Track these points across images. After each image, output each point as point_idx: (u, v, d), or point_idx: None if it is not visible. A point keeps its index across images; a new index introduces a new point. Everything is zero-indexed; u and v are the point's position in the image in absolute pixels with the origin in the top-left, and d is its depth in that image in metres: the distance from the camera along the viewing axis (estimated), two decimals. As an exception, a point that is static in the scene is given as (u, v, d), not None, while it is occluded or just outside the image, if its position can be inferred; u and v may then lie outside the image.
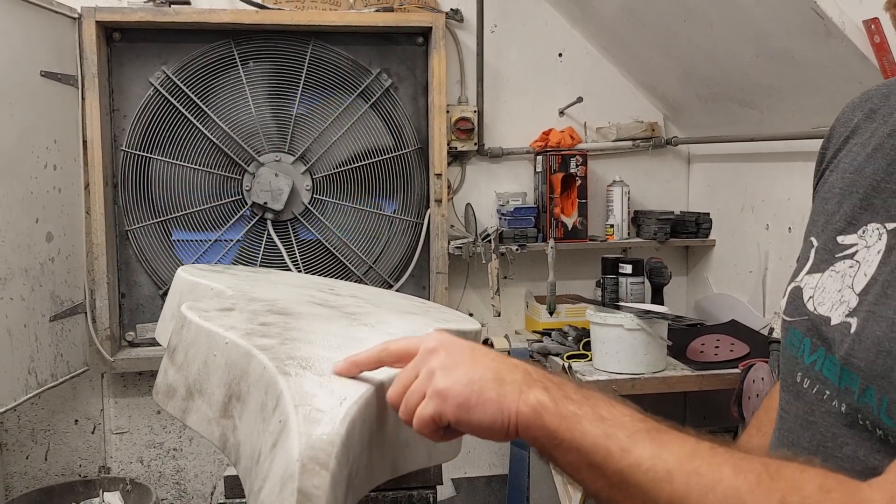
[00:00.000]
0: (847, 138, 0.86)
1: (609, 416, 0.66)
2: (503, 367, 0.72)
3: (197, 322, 0.95)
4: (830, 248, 0.81)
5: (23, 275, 2.22)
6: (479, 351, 0.75)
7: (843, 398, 0.73)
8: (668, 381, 2.35)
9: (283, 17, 2.65)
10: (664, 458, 0.62)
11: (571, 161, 2.81)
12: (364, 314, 1.16)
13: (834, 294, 0.77)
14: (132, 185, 2.71)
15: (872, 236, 0.76)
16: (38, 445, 2.79)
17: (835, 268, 0.79)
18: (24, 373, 2.22)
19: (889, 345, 0.67)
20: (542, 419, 0.67)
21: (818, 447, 0.76)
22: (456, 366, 0.72)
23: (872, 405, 0.68)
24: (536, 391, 0.69)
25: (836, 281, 0.78)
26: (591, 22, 2.85)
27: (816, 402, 0.77)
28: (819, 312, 0.78)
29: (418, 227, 2.85)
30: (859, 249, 0.77)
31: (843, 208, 0.81)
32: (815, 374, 0.78)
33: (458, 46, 2.86)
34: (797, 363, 0.81)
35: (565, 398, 0.68)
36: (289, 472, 0.66)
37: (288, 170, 2.76)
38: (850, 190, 0.81)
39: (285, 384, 0.78)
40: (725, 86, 2.49)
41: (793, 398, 0.82)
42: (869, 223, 0.77)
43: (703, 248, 2.99)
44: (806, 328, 0.80)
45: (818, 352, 0.78)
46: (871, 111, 0.84)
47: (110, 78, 2.68)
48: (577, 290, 3.01)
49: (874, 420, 0.68)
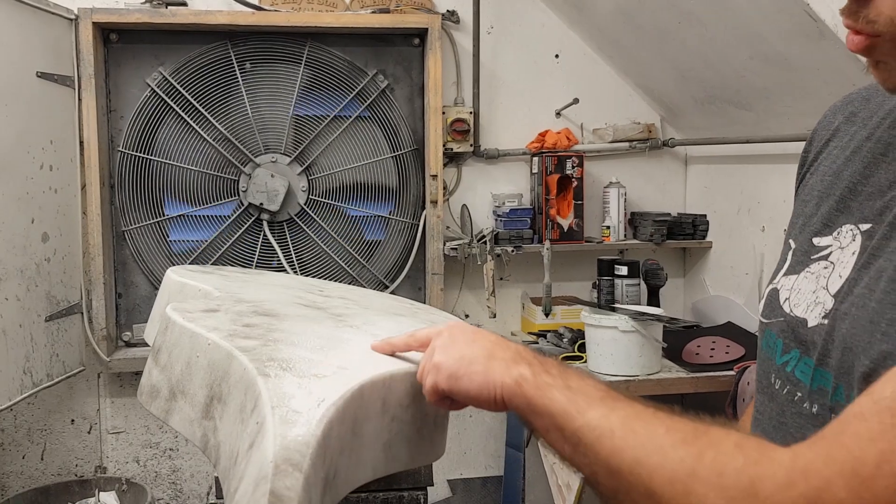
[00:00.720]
0: (828, 141, 0.87)
1: (576, 386, 0.73)
2: (497, 346, 0.81)
3: (181, 323, 0.95)
4: (806, 249, 0.81)
5: (18, 275, 2.23)
6: (479, 334, 0.85)
7: (816, 399, 0.74)
8: (662, 384, 2.35)
9: (280, 18, 2.65)
10: (610, 418, 0.68)
11: (567, 162, 2.82)
12: (351, 315, 1.16)
13: (809, 295, 0.78)
14: (129, 186, 2.72)
15: (846, 237, 0.76)
16: (35, 445, 2.79)
17: (810, 269, 0.79)
18: (20, 372, 2.23)
19: (851, 341, 0.69)
20: (521, 389, 0.75)
21: None
22: (453, 344, 0.83)
23: (843, 402, 0.70)
24: (521, 367, 0.77)
25: (811, 282, 0.78)
26: (588, 23, 2.85)
27: (787, 404, 0.78)
28: (795, 314, 0.79)
29: (414, 229, 2.85)
30: (833, 250, 0.77)
31: (821, 210, 0.82)
32: (787, 375, 0.79)
33: (454, 48, 2.86)
34: (770, 364, 0.83)
35: (544, 372, 0.75)
36: (262, 473, 0.67)
37: (284, 171, 2.76)
38: (827, 192, 0.82)
39: (264, 385, 0.79)
40: (721, 88, 2.49)
41: (767, 399, 0.83)
42: (844, 224, 0.77)
43: (700, 249, 2.99)
44: (780, 329, 0.81)
45: (791, 353, 0.79)
46: (852, 114, 0.85)
47: (107, 79, 2.69)
48: (574, 291, 3.02)
49: None
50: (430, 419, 0.97)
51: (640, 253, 2.94)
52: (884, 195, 0.74)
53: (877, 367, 0.65)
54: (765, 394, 0.84)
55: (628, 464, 0.65)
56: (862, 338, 0.68)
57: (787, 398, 0.79)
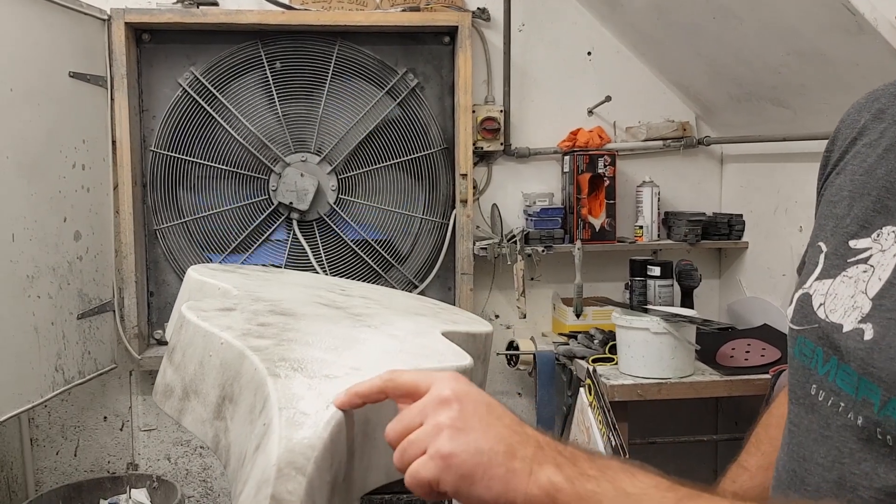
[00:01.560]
0: (854, 140, 0.82)
1: (633, 490, 0.60)
2: (515, 437, 0.65)
3: (194, 322, 0.94)
4: (842, 252, 0.77)
5: (50, 273, 2.25)
6: (494, 412, 0.67)
7: (860, 410, 0.69)
8: (695, 387, 2.30)
9: (310, 17, 2.65)
10: None
11: (599, 161, 2.77)
12: (370, 315, 1.14)
13: (847, 300, 0.73)
14: (160, 185, 2.74)
15: (888, 239, 0.72)
16: (68, 441, 2.83)
17: (847, 273, 0.75)
18: (52, 370, 2.25)
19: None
20: (556, 502, 0.61)
21: (834, 463, 0.72)
22: (467, 429, 0.65)
23: (892, 417, 0.65)
24: (548, 470, 0.62)
25: (850, 287, 0.74)
26: (621, 20, 2.81)
27: (832, 415, 0.73)
28: (831, 320, 0.74)
29: (444, 228, 2.83)
30: (874, 253, 0.73)
31: (854, 211, 0.77)
32: (829, 385, 0.74)
33: (484, 46, 2.84)
34: (810, 374, 0.77)
35: (581, 475, 0.61)
36: (265, 477, 0.65)
37: (314, 170, 2.76)
38: (860, 192, 0.77)
39: (273, 386, 0.77)
40: (756, 85, 2.43)
41: (805, 411, 0.77)
42: (884, 226, 0.73)
43: (735, 250, 2.93)
44: (817, 336, 0.76)
45: (831, 361, 0.74)
46: (880, 111, 0.80)
47: (140, 79, 2.71)
48: (606, 292, 2.97)
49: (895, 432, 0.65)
50: (446, 422, 0.94)
51: (674, 253, 2.88)
52: None
53: None
54: (802, 405, 0.78)
55: None
56: None
57: (831, 409, 0.73)
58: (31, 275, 2.16)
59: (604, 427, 2.24)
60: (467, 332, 1.19)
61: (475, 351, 1.25)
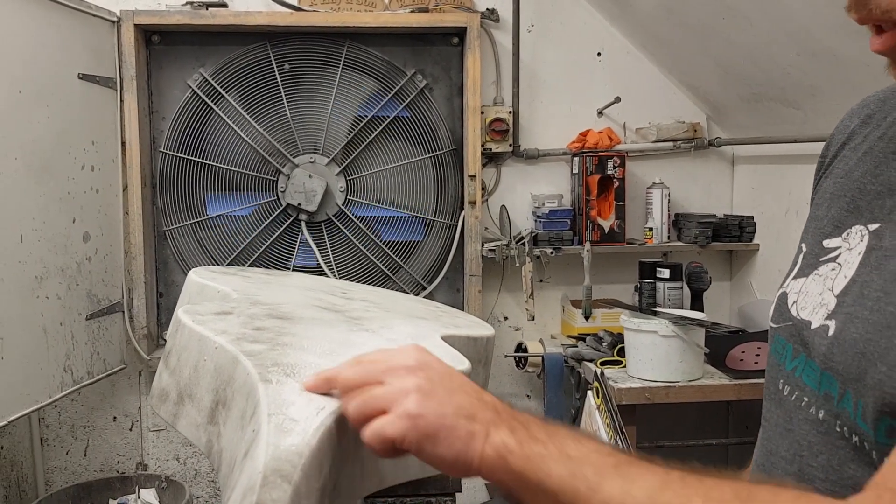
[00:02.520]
0: (843, 144, 0.84)
1: (576, 453, 0.63)
2: (476, 403, 0.69)
3: (190, 326, 0.94)
4: (817, 252, 0.79)
5: (59, 274, 2.26)
6: (455, 381, 0.71)
7: (822, 405, 0.71)
8: (704, 390, 2.28)
9: (318, 18, 2.65)
10: (633, 493, 0.59)
11: (609, 163, 2.76)
12: (369, 319, 1.14)
13: (816, 297, 0.75)
14: (170, 187, 2.75)
15: (855, 238, 0.74)
16: (78, 441, 2.84)
17: (818, 271, 0.77)
18: (60, 370, 2.26)
19: (864, 346, 0.65)
20: (506, 462, 0.64)
21: (795, 456, 0.74)
22: (432, 393, 0.68)
23: (850, 410, 0.67)
24: (502, 433, 0.66)
25: (819, 284, 0.76)
26: (631, 20, 2.79)
27: (795, 410, 0.75)
28: (801, 317, 0.77)
29: (452, 230, 2.82)
30: (842, 252, 0.75)
31: (831, 212, 0.79)
32: (796, 380, 0.76)
33: (493, 47, 2.83)
34: (780, 370, 0.80)
35: (531, 438, 0.65)
36: (251, 484, 0.64)
37: (322, 171, 2.76)
38: (839, 194, 0.79)
39: (264, 392, 0.76)
40: (767, 85, 2.41)
41: (774, 406, 0.80)
42: (853, 225, 0.75)
43: (746, 252, 2.91)
44: (789, 334, 0.79)
45: (799, 357, 0.76)
46: (868, 116, 0.83)
47: (149, 80, 2.72)
48: (616, 294, 2.95)
49: (851, 426, 0.67)
50: (443, 427, 0.94)
51: (684, 255, 2.86)
52: (893, 194, 0.72)
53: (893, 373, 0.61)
54: (772, 400, 0.81)
55: None
56: (878, 343, 0.64)
57: (794, 404, 0.75)
58: (40, 275, 2.17)
59: (611, 430, 2.22)
60: (468, 335, 1.19)
61: (475, 355, 1.24)
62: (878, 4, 0.63)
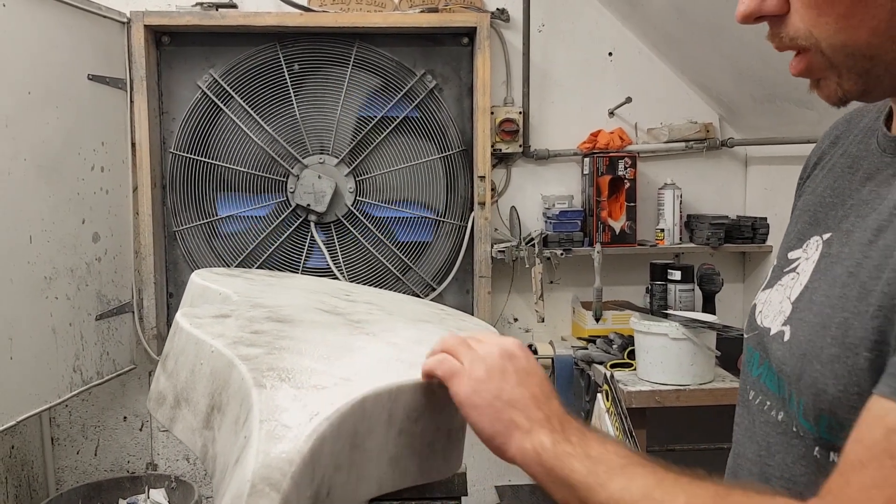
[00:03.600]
0: (815, 164, 0.90)
1: (596, 454, 0.71)
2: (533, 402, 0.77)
3: (187, 329, 0.93)
4: (782, 264, 0.84)
5: (68, 274, 2.27)
6: (531, 379, 0.80)
7: (781, 407, 0.76)
8: (715, 394, 2.26)
9: (328, 19, 2.64)
10: (631, 489, 0.67)
11: (620, 163, 2.74)
12: (371, 322, 1.12)
13: (776, 306, 0.80)
14: (180, 187, 2.75)
15: (812, 248, 0.78)
16: (89, 441, 2.85)
17: (781, 282, 0.81)
18: (69, 370, 2.27)
19: (806, 347, 0.70)
20: (540, 458, 0.73)
21: (756, 457, 0.79)
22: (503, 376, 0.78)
23: (794, 409, 0.72)
24: (543, 433, 0.74)
25: (780, 293, 0.80)
26: (642, 20, 2.77)
27: (758, 413, 0.80)
28: (764, 325, 0.81)
29: (462, 231, 2.81)
30: (801, 262, 0.79)
31: (797, 227, 0.85)
32: (760, 385, 0.81)
33: (503, 47, 2.81)
34: (748, 377, 0.84)
35: (564, 440, 0.73)
36: (239, 492, 0.64)
37: (332, 172, 2.75)
38: (805, 209, 0.85)
39: (257, 397, 0.75)
40: (780, 85, 2.38)
41: (744, 411, 0.85)
42: (812, 236, 0.80)
43: (759, 254, 2.88)
44: (756, 342, 0.83)
45: (763, 364, 0.81)
46: (836, 137, 0.88)
47: (159, 81, 2.73)
48: (627, 296, 2.93)
49: (797, 424, 0.72)
50: (443, 433, 0.92)
51: (696, 257, 2.84)
52: (844, 204, 0.77)
53: (825, 370, 0.67)
54: (742, 406, 0.86)
55: None
56: (815, 343, 0.69)
57: (758, 408, 0.80)
58: (49, 276, 2.18)
59: (621, 433, 2.20)
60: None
61: (479, 359, 1.23)
62: (787, 34, 0.70)
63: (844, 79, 0.69)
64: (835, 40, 0.67)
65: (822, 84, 0.72)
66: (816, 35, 0.68)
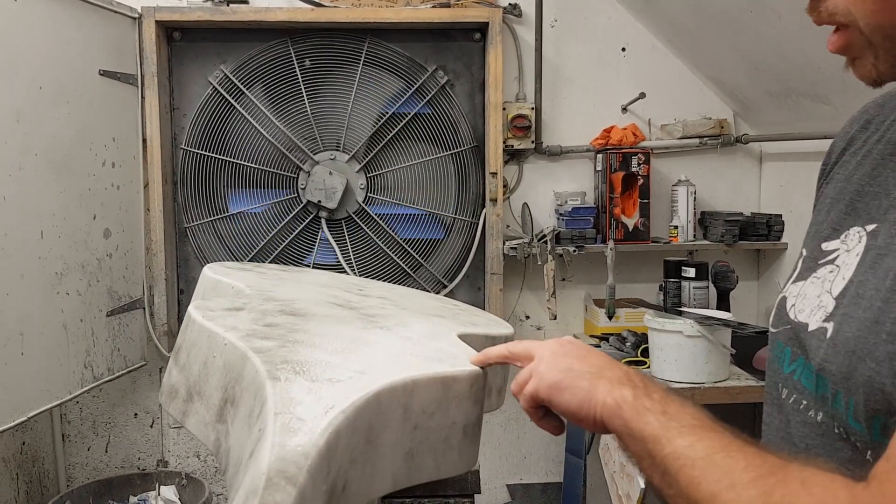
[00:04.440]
0: (843, 150, 0.86)
1: (673, 412, 0.71)
2: (606, 365, 0.80)
3: (199, 322, 0.92)
4: (815, 255, 0.80)
5: (79, 270, 2.26)
6: (591, 352, 0.83)
7: (820, 407, 0.73)
8: (730, 392, 2.23)
9: (339, 14, 2.63)
10: (696, 448, 0.66)
11: (633, 159, 2.71)
12: (384, 316, 1.11)
13: (813, 300, 0.77)
14: (191, 183, 2.75)
15: (853, 240, 0.75)
16: (100, 437, 2.85)
17: (816, 274, 0.78)
18: (80, 366, 2.26)
19: (856, 344, 0.67)
20: (620, 410, 0.74)
21: None
22: (563, 356, 0.82)
23: (842, 409, 0.69)
24: (625, 389, 0.75)
25: (817, 287, 0.77)
26: (656, 15, 2.74)
27: (793, 413, 0.77)
28: (799, 320, 0.78)
29: (473, 227, 2.79)
30: (840, 254, 0.76)
31: (831, 216, 0.81)
32: (794, 383, 0.78)
33: (516, 42, 2.79)
34: (779, 374, 0.81)
35: (645, 396, 0.74)
36: (254, 486, 0.62)
37: (343, 168, 2.74)
38: (838, 198, 0.81)
39: (271, 390, 0.74)
40: (796, 80, 2.35)
41: (775, 411, 0.82)
42: (851, 227, 0.76)
43: (774, 251, 2.85)
44: (787, 337, 0.80)
45: (797, 361, 0.77)
46: (867, 122, 0.85)
47: (170, 77, 2.72)
48: (641, 293, 2.91)
49: (846, 426, 0.69)
50: (458, 428, 0.91)
51: (710, 254, 2.81)
52: (889, 195, 0.73)
53: (881, 369, 0.63)
54: (773, 405, 0.83)
55: (704, 497, 0.63)
56: (868, 340, 0.66)
57: (793, 407, 0.77)
58: (60, 272, 2.17)
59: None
60: (486, 334, 1.16)
61: (494, 354, 1.21)
62: (825, 8, 0.69)
63: (881, 60, 0.69)
64: (872, 20, 0.67)
65: (858, 63, 0.71)
66: (855, 13, 0.67)
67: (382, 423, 0.79)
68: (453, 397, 0.87)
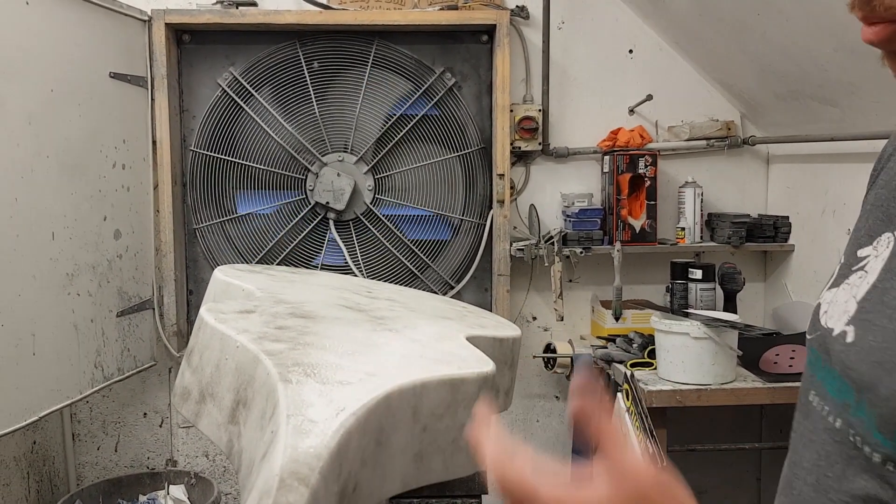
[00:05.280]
0: (890, 155, 0.83)
1: None
2: None
3: (212, 324, 0.93)
4: (851, 262, 0.78)
5: (90, 271, 2.28)
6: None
7: (839, 413, 0.70)
8: (737, 394, 2.24)
9: (347, 17, 2.65)
10: None
11: (640, 161, 2.72)
12: (392, 318, 1.12)
13: (841, 305, 0.75)
14: (200, 185, 2.76)
15: (883, 245, 0.73)
16: (109, 437, 2.87)
17: (848, 280, 0.76)
18: (91, 366, 2.28)
19: (881, 355, 0.64)
20: None
21: (814, 466, 0.73)
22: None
23: (864, 419, 0.66)
24: None
25: (846, 293, 0.75)
26: (663, 16, 2.75)
27: (818, 419, 0.74)
28: (828, 326, 0.76)
29: (480, 229, 2.80)
30: (870, 260, 0.74)
31: (868, 223, 0.79)
32: (821, 390, 0.75)
33: (523, 44, 2.80)
34: (812, 381, 0.79)
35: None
36: (267, 487, 0.63)
37: (351, 170, 2.75)
38: (877, 205, 0.78)
39: (283, 392, 0.75)
40: (804, 83, 2.35)
41: (802, 417, 0.79)
42: (883, 233, 0.74)
43: (781, 253, 2.85)
44: (818, 344, 0.78)
45: (825, 366, 0.75)
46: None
47: (180, 79, 2.74)
48: (647, 295, 2.91)
49: (864, 436, 0.66)
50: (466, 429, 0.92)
51: (717, 256, 2.81)
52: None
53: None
54: (801, 411, 0.80)
55: None
56: (894, 350, 0.64)
57: (818, 413, 0.75)
58: (71, 273, 2.19)
59: (641, 433, 2.19)
60: (493, 336, 1.17)
61: (501, 356, 1.22)
62: (881, 2, 0.64)
63: None
64: None
65: None
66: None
67: (392, 425, 0.81)
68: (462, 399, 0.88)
